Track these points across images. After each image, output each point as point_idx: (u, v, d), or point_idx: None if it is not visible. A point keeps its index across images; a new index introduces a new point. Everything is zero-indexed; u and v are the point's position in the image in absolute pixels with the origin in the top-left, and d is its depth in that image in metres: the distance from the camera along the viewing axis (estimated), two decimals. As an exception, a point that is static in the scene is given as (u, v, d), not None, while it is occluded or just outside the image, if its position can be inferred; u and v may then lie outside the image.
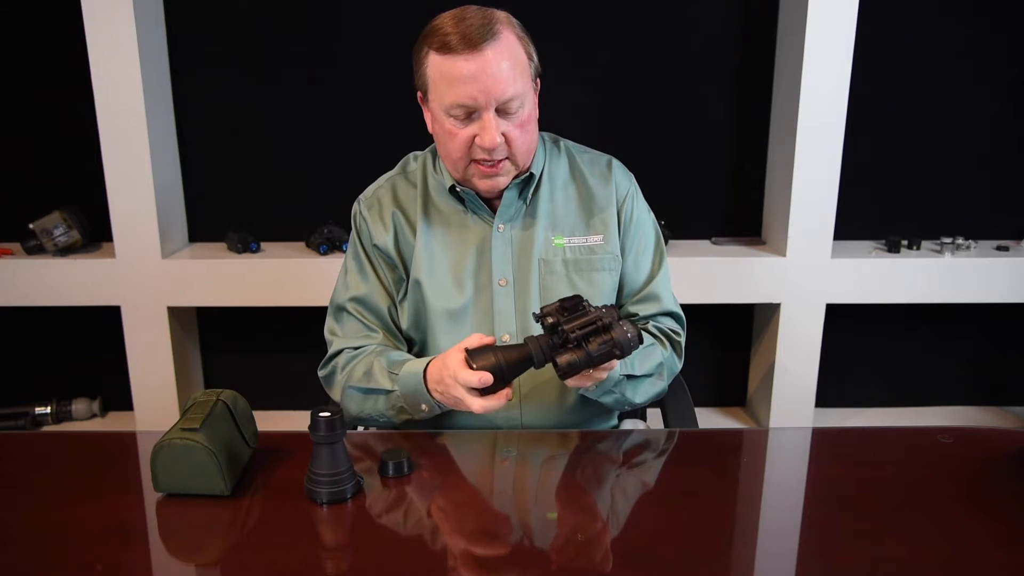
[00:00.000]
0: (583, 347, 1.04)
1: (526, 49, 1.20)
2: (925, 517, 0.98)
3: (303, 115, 2.48)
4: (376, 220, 1.32)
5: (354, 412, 1.29)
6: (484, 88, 1.14)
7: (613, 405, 1.28)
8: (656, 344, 1.31)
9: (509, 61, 1.15)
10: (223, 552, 0.93)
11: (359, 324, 1.32)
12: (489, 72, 1.13)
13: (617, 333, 1.04)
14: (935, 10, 2.43)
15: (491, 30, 1.14)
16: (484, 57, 1.13)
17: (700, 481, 1.08)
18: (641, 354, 1.27)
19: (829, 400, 2.70)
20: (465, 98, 1.15)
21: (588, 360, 1.04)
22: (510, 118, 1.18)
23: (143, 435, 1.21)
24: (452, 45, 1.14)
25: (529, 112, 1.21)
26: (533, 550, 0.91)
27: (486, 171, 1.21)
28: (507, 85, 1.15)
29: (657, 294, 1.34)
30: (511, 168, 1.23)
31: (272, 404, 2.66)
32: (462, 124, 1.18)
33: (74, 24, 2.22)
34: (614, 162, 1.37)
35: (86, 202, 2.45)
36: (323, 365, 1.34)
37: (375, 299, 1.32)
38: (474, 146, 1.19)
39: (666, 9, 2.42)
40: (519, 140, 1.20)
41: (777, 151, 2.47)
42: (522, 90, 1.18)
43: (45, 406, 2.59)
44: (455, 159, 1.22)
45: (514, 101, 1.17)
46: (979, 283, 2.41)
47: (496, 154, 1.19)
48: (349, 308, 1.33)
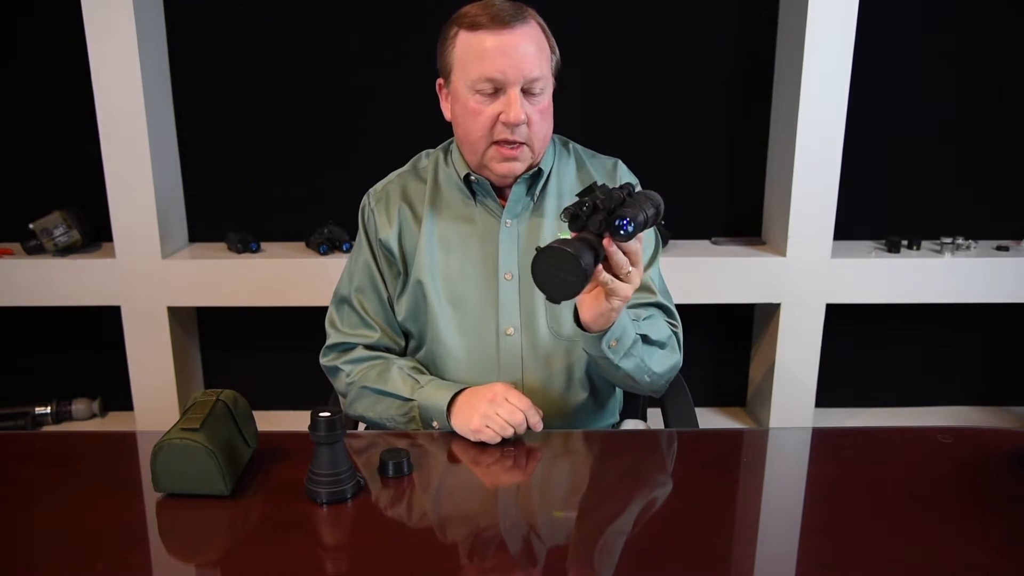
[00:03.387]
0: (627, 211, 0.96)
1: (550, 43, 1.24)
2: (925, 517, 0.98)
3: (303, 115, 2.48)
4: (382, 214, 1.33)
5: (360, 412, 1.31)
6: (513, 63, 1.17)
7: (634, 372, 1.21)
8: (660, 319, 1.31)
9: (536, 45, 1.20)
10: (223, 552, 0.93)
11: (358, 319, 1.34)
12: (519, 49, 1.17)
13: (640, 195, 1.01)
14: (935, 10, 2.43)
15: (521, 14, 1.20)
16: (516, 34, 1.18)
17: (700, 481, 1.08)
18: (649, 323, 1.27)
19: (829, 400, 2.70)
20: (494, 71, 1.18)
21: (643, 217, 0.97)
22: (533, 100, 1.21)
23: (143, 435, 1.21)
24: (483, 23, 1.18)
25: (548, 101, 1.24)
26: (533, 550, 0.91)
27: (506, 153, 1.23)
28: (535, 64, 1.19)
29: (647, 284, 1.33)
30: (528, 155, 1.25)
31: (272, 404, 2.66)
32: (487, 101, 1.20)
33: (74, 24, 2.22)
34: (619, 164, 1.39)
35: (86, 202, 2.45)
36: (324, 354, 1.38)
37: (378, 292, 1.34)
38: (498, 124, 1.21)
39: (666, 9, 2.42)
40: (539, 125, 1.23)
41: (777, 151, 2.47)
42: (546, 74, 1.22)
43: (45, 406, 2.59)
44: (475, 139, 1.23)
45: (539, 82, 1.20)
46: (979, 283, 2.41)
47: (518, 133, 1.21)
48: (352, 300, 1.35)
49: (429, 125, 1.60)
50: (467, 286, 1.29)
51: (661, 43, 2.45)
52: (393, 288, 1.34)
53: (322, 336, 1.39)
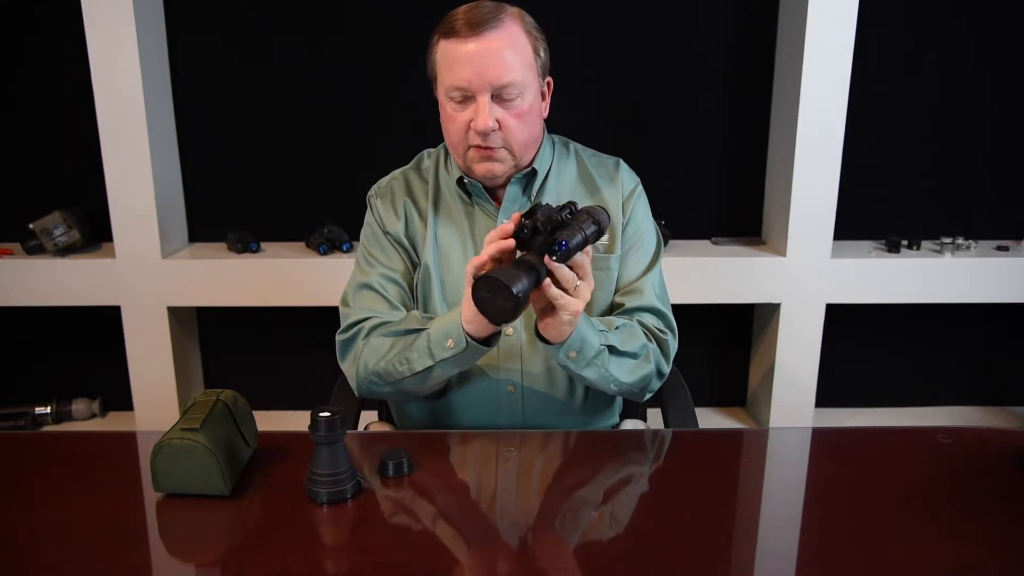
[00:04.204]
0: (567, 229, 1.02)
1: (533, 44, 1.21)
2: (925, 517, 0.98)
3: (303, 115, 2.48)
4: (388, 208, 1.33)
5: (371, 366, 1.25)
6: (479, 71, 1.16)
7: (598, 381, 1.21)
8: (639, 329, 1.28)
9: (511, 49, 1.17)
10: (223, 552, 0.93)
11: (383, 300, 1.29)
12: (486, 56, 1.15)
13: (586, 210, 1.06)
14: (935, 10, 2.44)
15: (496, 18, 1.17)
16: (483, 41, 1.15)
17: (700, 481, 1.08)
18: (623, 332, 1.24)
19: (829, 400, 2.70)
20: (460, 80, 1.17)
21: (581, 237, 1.02)
22: (507, 105, 1.19)
23: (143, 435, 1.21)
24: (456, 29, 1.17)
25: (530, 105, 1.21)
26: (533, 551, 0.91)
27: (483, 153, 1.22)
28: (504, 71, 1.16)
29: (641, 288, 1.31)
30: (508, 157, 1.23)
31: (272, 404, 2.67)
32: (460, 108, 1.20)
33: (74, 24, 2.23)
34: (621, 163, 1.38)
35: (86, 202, 2.45)
36: (344, 330, 1.30)
37: (398, 277, 1.31)
38: (470, 131, 1.20)
39: (666, 9, 2.43)
40: (516, 130, 1.21)
41: (777, 151, 2.47)
42: (521, 80, 1.18)
43: (45, 406, 2.59)
44: (455, 143, 1.24)
45: (511, 88, 1.18)
46: (979, 283, 2.41)
47: (489, 140, 1.20)
48: (375, 284, 1.30)
49: (429, 125, 1.60)
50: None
51: (661, 43, 2.45)
52: (412, 276, 1.33)
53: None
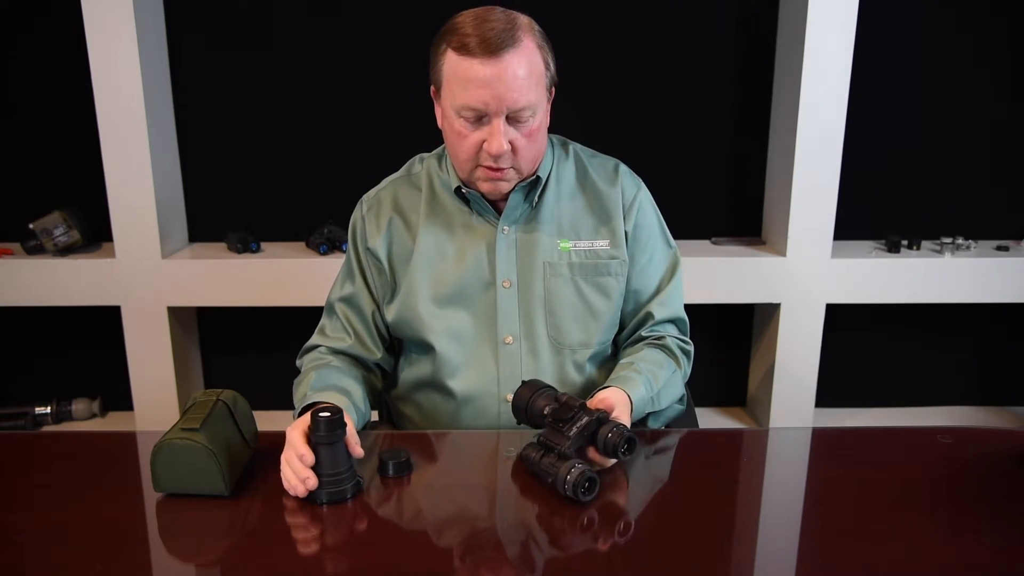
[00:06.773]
0: None
1: (544, 58, 1.19)
2: (925, 517, 0.98)
3: (303, 115, 2.48)
4: (372, 222, 1.33)
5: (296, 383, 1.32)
6: (497, 95, 1.13)
7: (669, 414, 1.36)
8: (677, 370, 1.33)
9: (526, 70, 1.14)
10: (223, 552, 0.93)
11: (340, 325, 1.35)
12: (504, 80, 1.12)
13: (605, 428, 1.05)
14: (935, 9, 2.43)
15: (512, 36, 1.13)
16: (501, 64, 1.12)
17: (700, 481, 1.08)
18: (668, 385, 1.30)
19: (829, 400, 2.70)
20: (477, 102, 1.14)
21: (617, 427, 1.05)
22: (519, 127, 1.18)
23: (143, 435, 1.21)
24: (471, 47, 1.12)
25: (540, 122, 1.21)
26: (532, 551, 0.91)
27: (491, 175, 1.21)
28: (520, 94, 1.14)
29: (667, 300, 1.36)
30: (515, 176, 1.23)
31: (272, 404, 2.66)
32: (471, 127, 1.18)
33: (74, 24, 2.23)
34: (621, 166, 1.36)
35: (86, 202, 2.45)
36: (300, 355, 1.39)
37: (361, 301, 1.34)
38: (481, 151, 1.19)
39: (666, 9, 2.42)
40: (525, 149, 1.20)
41: (777, 151, 2.47)
42: (535, 100, 1.17)
43: (45, 406, 2.59)
44: (462, 160, 1.22)
45: (526, 111, 1.16)
46: (979, 283, 2.41)
47: (501, 162, 1.19)
48: (337, 308, 1.36)
49: (428, 125, 1.60)
50: (464, 294, 1.28)
51: (661, 42, 2.45)
52: (381, 296, 1.34)
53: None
